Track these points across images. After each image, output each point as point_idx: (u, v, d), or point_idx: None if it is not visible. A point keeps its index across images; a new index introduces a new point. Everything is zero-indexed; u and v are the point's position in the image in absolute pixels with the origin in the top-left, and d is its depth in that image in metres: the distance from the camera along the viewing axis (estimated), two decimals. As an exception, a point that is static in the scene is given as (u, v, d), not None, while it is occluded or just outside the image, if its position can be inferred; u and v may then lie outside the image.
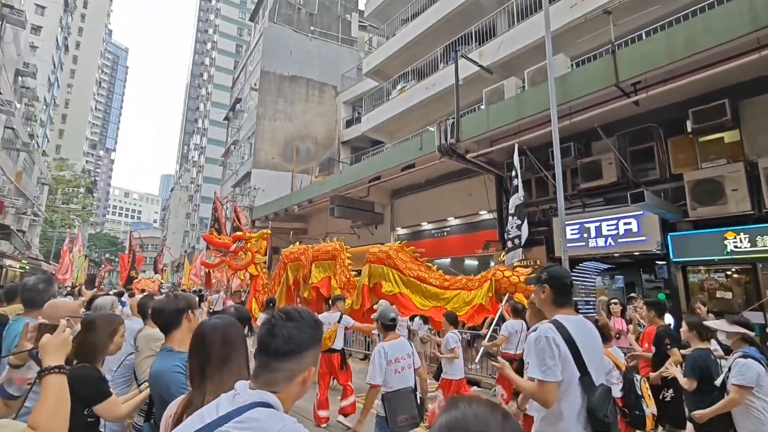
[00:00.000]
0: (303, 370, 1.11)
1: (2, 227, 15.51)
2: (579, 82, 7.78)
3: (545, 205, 10.02)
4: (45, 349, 1.42)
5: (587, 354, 2.06)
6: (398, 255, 5.79)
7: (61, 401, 1.34)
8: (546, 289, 2.29)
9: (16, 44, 18.40)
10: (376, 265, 5.81)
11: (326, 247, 7.31)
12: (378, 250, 5.96)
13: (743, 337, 3.25)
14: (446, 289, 5.35)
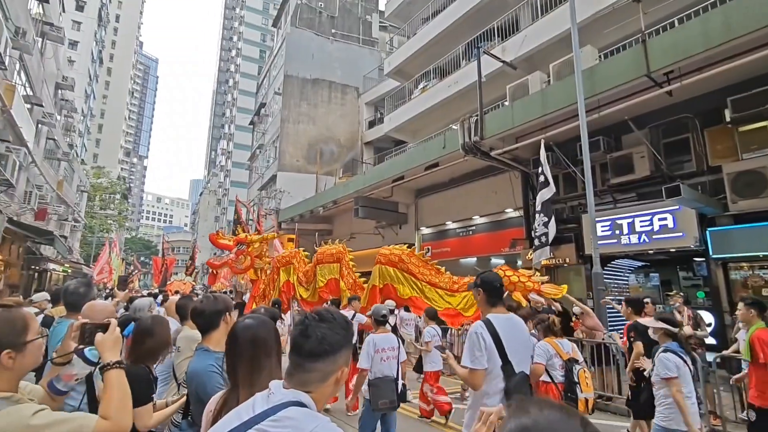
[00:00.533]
0: (336, 370, 1.13)
1: (46, 233, 16.38)
2: (607, 74, 7.54)
3: (573, 202, 9.77)
4: (103, 347, 1.50)
5: (510, 346, 2.46)
6: (411, 259, 5.89)
7: (125, 393, 1.43)
8: (480, 292, 2.72)
9: (55, 59, 19.41)
10: (386, 266, 5.92)
11: (330, 249, 7.58)
12: (389, 252, 6.02)
13: (666, 332, 3.58)
14: (455, 291, 5.37)
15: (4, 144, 12.28)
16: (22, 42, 12.07)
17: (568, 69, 8.31)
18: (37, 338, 1.31)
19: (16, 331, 1.28)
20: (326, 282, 7.42)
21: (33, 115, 15.23)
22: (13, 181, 12.37)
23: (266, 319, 1.70)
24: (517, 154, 10.17)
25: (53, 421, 1.20)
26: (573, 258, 9.47)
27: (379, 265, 6.04)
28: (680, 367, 3.38)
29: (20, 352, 1.27)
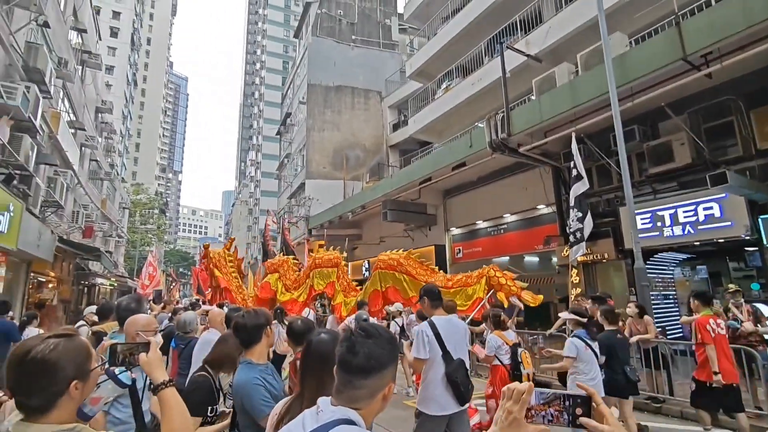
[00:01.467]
0: (384, 386, 1.12)
1: (93, 250, 17.31)
2: (640, 60, 7.23)
3: (609, 195, 9.41)
4: (150, 366, 1.52)
5: (448, 340, 3.31)
6: (408, 262, 6.49)
7: (183, 410, 1.47)
8: (425, 300, 3.60)
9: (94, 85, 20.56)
10: (386, 271, 6.52)
11: (328, 255, 8.28)
12: (387, 257, 6.62)
13: (577, 322, 4.56)
14: (450, 288, 6.08)
15: (53, 168, 13.09)
16: (65, 71, 12.85)
17: (597, 58, 8.04)
18: (97, 366, 1.32)
19: (82, 360, 1.26)
20: (326, 285, 8.05)
21: (77, 139, 16.16)
22: (62, 203, 13.15)
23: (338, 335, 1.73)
24: (547, 148, 9.91)
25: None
26: (612, 253, 9.11)
27: (378, 270, 6.62)
28: (580, 350, 4.35)
29: (85, 382, 1.26)
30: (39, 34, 11.42)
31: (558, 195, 10.44)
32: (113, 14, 45.48)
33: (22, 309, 11.59)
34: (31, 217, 10.41)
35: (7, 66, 9.28)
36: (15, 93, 8.40)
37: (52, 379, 1.18)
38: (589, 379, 4.29)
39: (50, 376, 1.18)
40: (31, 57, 9.90)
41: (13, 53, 9.25)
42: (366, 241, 19.61)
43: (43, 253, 11.62)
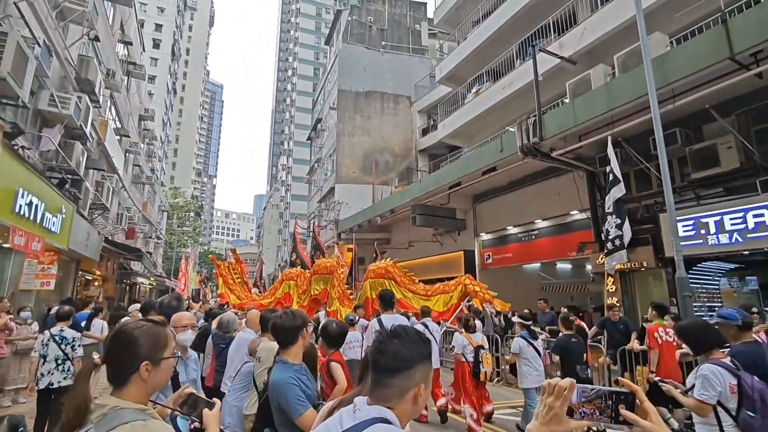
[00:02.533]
0: (413, 386, 1.13)
1: (135, 250, 18.20)
2: (682, 61, 6.95)
3: (648, 201, 9.04)
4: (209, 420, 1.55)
5: None
6: (395, 270, 7.30)
7: None
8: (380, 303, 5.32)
9: (138, 94, 21.70)
10: (375, 279, 7.19)
11: (325, 263, 8.82)
12: (376, 267, 7.43)
13: (522, 324, 5.95)
14: (430, 296, 6.98)
15: (100, 173, 13.88)
16: (112, 82, 13.64)
17: (636, 59, 7.78)
18: (170, 357, 1.43)
19: (158, 347, 1.38)
20: (320, 291, 8.55)
21: (122, 145, 17.08)
22: (108, 205, 13.92)
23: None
24: (581, 152, 9.64)
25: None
26: (651, 261, 8.73)
27: (369, 280, 7.25)
28: (523, 347, 5.65)
29: (156, 367, 1.35)
30: (90, 47, 12.18)
31: (593, 200, 10.13)
32: (156, 27, 47.92)
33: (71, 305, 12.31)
34: (80, 218, 11.08)
35: (62, 78, 9.95)
36: (68, 103, 8.99)
37: (129, 354, 1.32)
38: (534, 369, 5.56)
39: (128, 350, 1.33)
40: (83, 69, 10.57)
41: (67, 66, 9.92)
42: (395, 246, 19.65)
43: (90, 253, 12.32)
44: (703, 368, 2.68)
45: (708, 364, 2.67)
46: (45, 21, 8.23)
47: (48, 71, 8.21)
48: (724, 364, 2.65)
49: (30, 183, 7.61)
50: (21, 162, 7.34)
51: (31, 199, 7.60)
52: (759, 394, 2.52)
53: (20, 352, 6.76)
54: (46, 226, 8.41)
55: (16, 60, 6.21)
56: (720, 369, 2.61)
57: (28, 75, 6.67)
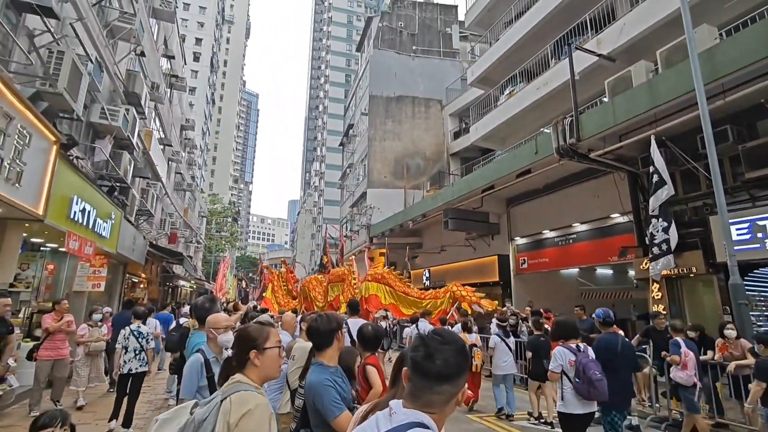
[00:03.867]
0: (459, 391, 1.13)
1: (177, 254, 19.04)
2: (733, 54, 6.54)
3: (697, 202, 8.53)
4: None
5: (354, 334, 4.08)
6: (390, 276, 8.06)
7: None
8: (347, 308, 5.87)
9: (180, 105, 22.80)
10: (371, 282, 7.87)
11: (338, 271, 9.89)
12: (374, 272, 8.24)
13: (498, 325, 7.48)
14: (423, 299, 7.87)
15: (146, 180, 14.65)
16: (156, 94, 14.41)
17: (681, 54, 7.40)
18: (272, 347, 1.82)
19: (261, 339, 1.81)
20: (334, 297, 9.50)
21: (165, 154, 17.97)
22: (152, 211, 14.66)
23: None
24: (622, 153, 9.23)
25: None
26: (700, 267, 8.22)
27: (366, 282, 8.04)
28: (497, 344, 6.89)
29: (262, 355, 1.78)
30: (136, 62, 12.93)
31: (635, 203, 9.67)
32: (196, 41, 50.23)
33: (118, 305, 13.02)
34: (127, 224, 11.72)
35: (111, 92, 10.61)
36: (117, 115, 9.57)
37: (242, 346, 1.81)
38: (503, 361, 6.81)
39: (242, 343, 1.82)
40: (130, 83, 11.23)
41: (116, 80, 10.56)
42: (427, 250, 19.53)
43: (136, 257, 13.00)
44: (555, 350, 4.04)
45: (559, 347, 4.01)
46: (97, 39, 8.81)
47: (99, 86, 8.77)
48: (569, 347, 3.94)
49: (83, 191, 8.13)
50: (75, 171, 7.86)
51: (84, 205, 8.11)
52: (582, 367, 3.76)
53: (92, 353, 6.89)
54: (97, 231, 8.95)
55: (71, 76, 6.68)
56: (564, 350, 3.92)
57: (81, 90, 7.15)
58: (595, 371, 3.73)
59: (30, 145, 5.75)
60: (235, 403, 1.61)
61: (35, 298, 8.69)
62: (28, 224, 6.71)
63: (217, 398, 1.68)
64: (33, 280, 8.67)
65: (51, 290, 9.43)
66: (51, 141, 6.44)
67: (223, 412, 1.60)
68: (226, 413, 1.59)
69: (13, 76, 5.89)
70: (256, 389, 1.71)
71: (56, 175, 6.60)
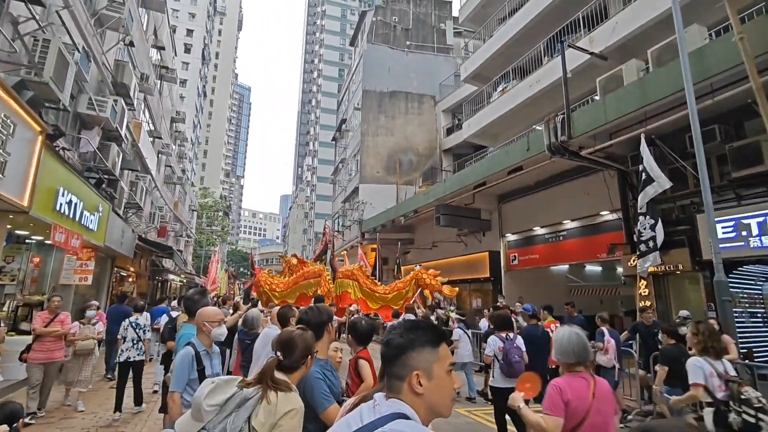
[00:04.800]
0: (407, 374, 1.11)
1: (167, 248, 18.84)
2: (722, 54, 6.62)
3: (684, 201, 8.66)
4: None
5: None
6: (359, 273, 8.73)
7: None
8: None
9: (170, 97, 22.47)
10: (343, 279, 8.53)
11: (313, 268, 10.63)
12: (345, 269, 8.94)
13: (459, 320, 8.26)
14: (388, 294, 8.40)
15: (134, 173, 14.44)
16: (146, 85, 14.17)
17: (672, 53, 7.47)
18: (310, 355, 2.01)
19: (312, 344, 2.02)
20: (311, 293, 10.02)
21: (155, 147, 17.72)
22: (141, 204, 14.47)
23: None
24: (612, 151, 9.32)
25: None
26: (687, 264, 8.35)
27: (339, 279, 8.68)
28: (461, 335, 7.81)
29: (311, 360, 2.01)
30: (125, 52, 12.70)
31: (624, 201, 9.79)
32: (187, 32, 49.48)
33: (107, 299, 12.87)
34: (116, 217, 11.56)
35: (99, 82, 10.41)
36: (105, 106, 9.40)
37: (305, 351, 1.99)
38: (465, 350, 7.78)
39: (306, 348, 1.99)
40: (118, 73, 11.03)
41: (104, 70, 10.37)
42: (418, 246, 19.58)
43: (125, 250, 12.83)
44: (489, 338, 5.06)
45: (492, 336, 5.01)
46: (84, 28, 8.63)
47: (87, 76, 8.60)
48: (500, 336, 4.92)
49: (70, 182, 7.99)
50: (62, 162, 7.72)
51: (71, 197, 7.98)
52: (506, 352, 4.72)
53: (79, 353, 6.30)
54: (84, 223, 8.81)
55: (57, 65, 6.54)
56: (496, 338, 4.92)
57: (68, 79, 7.00)
58: (515, 355, 4.71)
59: (14, 135, 5.62)
60: (282, 399, 1.72)
61: (20, 291, 8.56)
62: (13, 216, 6.58)
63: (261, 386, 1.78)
64: (18, 273, 8.53)
65: (37, 283, 9.28)
66: (36, 131, 6.31)
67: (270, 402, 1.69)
68: (272, 403, 1.69)
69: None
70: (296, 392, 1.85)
71: (42, 166, 6.47)
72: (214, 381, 1.78)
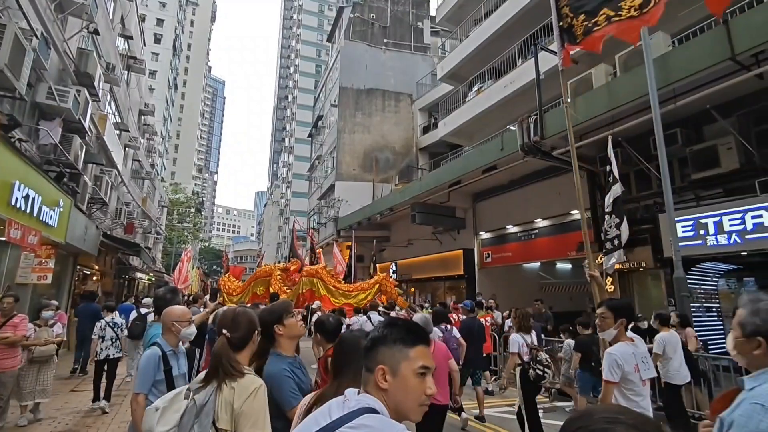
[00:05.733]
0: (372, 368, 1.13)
1: (134, 245, 18.17)
2: (684, 61, 6.92)
3: (648, 201, 9.02)
4: None
5: None
6: (323, 272, 9.18)
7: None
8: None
9: (138, 88, 21.64)
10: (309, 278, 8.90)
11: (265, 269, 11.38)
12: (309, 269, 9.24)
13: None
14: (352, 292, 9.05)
15: (99, 167, 13.85)
16: (112, 76, 13.59)
17: (637, 59, 7.74)
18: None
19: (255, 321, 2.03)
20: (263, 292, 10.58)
21: (121, 140, 17.04)
22: (106, 200, 13.89)
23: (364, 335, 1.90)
24: (582, 152, 9.57)
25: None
26: (649, 261, 8.72)
27: (304, 277, 9.05)
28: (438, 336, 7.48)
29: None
30: (89, 41, 12.13)
31: (593, 200, 10.11)
32: (157, 21, 47.79)
33: (68, 299, 12.30)
34: (78, 213, 11.05)
35: (60, 71, 9.91)
36: (67, 96, 8.95)
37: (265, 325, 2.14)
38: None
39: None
40: (82, 62, 10.52)
41: (66, 59, 9.87)
42: (394, 244, 19.64)
43: (88, 247, 12.30)
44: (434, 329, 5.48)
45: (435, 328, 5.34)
46: (43, 13, 8.19)
47: (46, 64, 8.17)
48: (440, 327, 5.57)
49: (27, 176, 7.58)
50: (18, 155, 7.31)
51: (28, 192, 7.57)
52: (445, 341, 5.22)
53: (37, 359, 5.72)
54: (43, 219, 8.38)
55: (13, 52, 6.18)
56: (436, 329, 5.23)
57: (25, 67, 6.63)
58: (453, 343, 5.55)
59: (-36, 125, 5.28)
60: (237, 388, 1.69)
61: (-28, 291, 8.06)
62: (-37, 211, 6.19)
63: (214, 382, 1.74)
64: (-30, 272, 8.04)
65: (-9, 282, 8.77)
66: (-11, 121, 5.95)
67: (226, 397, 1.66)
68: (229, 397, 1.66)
69: (-56, 48, 5.38)
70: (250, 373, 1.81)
71: (-4, 158, 6.11)
72: (157, 407, 1.73)
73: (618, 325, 2.85)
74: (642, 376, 2.75)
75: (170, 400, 1.74)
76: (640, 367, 2.76)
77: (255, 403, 1.68)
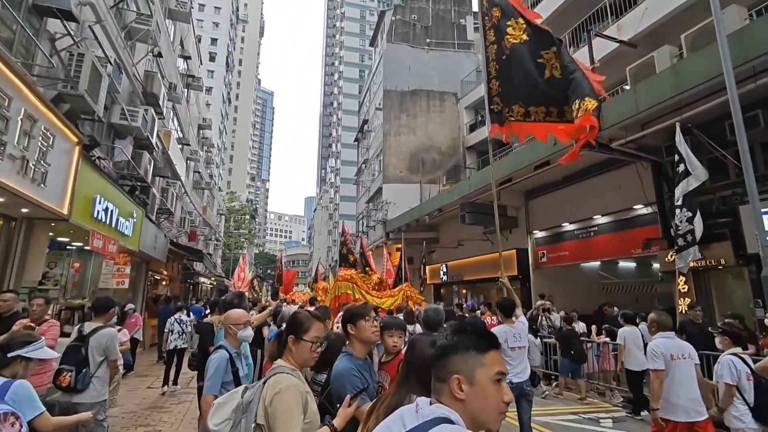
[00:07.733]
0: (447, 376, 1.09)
1: (197, 252, 19.41)
2: (764, 35, 6.24)
3: (725, 192, 8.22)
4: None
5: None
6: (356, 277, 9.62)
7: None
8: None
9: (197, 105, 23.14)
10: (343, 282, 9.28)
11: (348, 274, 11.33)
12: (344, 274, 9.69)
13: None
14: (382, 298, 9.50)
15: (165, 179, 14.93)
16: (174, 94, 14.63)
17: (708, 37, 7.11)
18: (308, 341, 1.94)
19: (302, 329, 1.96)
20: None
21: (183, 154, 18.27)
22: (172, 210, 14.94)
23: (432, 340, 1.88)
24: (645, 142, 8.95)
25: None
26: (730, 258, 7.92)
27: (338, 282, 9.43)
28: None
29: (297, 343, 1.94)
30: (154, 63, 13.14)
31: (659, 194, 9.38)
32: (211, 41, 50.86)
33: (142, 302, 13.35)
34: (149, 222, 11.97)
35: (130, 93, 10.81)
36: (137, 115, 9.75)
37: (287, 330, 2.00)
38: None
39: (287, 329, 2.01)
40: (148, 84, 11.42)
41: (135, 81, 10.75)
42: (443, 245, 19.41)
43: (158, 254, 13.28)
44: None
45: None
46: (115, 41, 8.97)
47: (119, 87, 8.95)
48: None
49: (106, 190, 8.32)
50: (97, 171, 8.05)
51: (107, 204, 8.31)
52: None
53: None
54: (120, 229, 9.16)
55: (92, 78, 6.82)
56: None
57: (102, 91, 7.29)
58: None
59: (53, 147, 5.89)
60: (269, 385, 1.80)
61: (63, 296, 8.97)
62: (54, 223, 6.90)
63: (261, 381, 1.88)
64: (61, 278, 8.94)
65: (78, 287, 9.71)
66: (73, 142, 6.59)
67: (262, 394, 1.79)
68: (264, 395, 1.78)
69: (36, 79, 6.04)
70: (291, 371, 1.87)
71: (79, 175, 6.76)
72: (215, 402, 1.89)
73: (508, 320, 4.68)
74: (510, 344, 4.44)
75: (229, 396, 1.89)
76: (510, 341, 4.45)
77: (283, 400, 1.74)
